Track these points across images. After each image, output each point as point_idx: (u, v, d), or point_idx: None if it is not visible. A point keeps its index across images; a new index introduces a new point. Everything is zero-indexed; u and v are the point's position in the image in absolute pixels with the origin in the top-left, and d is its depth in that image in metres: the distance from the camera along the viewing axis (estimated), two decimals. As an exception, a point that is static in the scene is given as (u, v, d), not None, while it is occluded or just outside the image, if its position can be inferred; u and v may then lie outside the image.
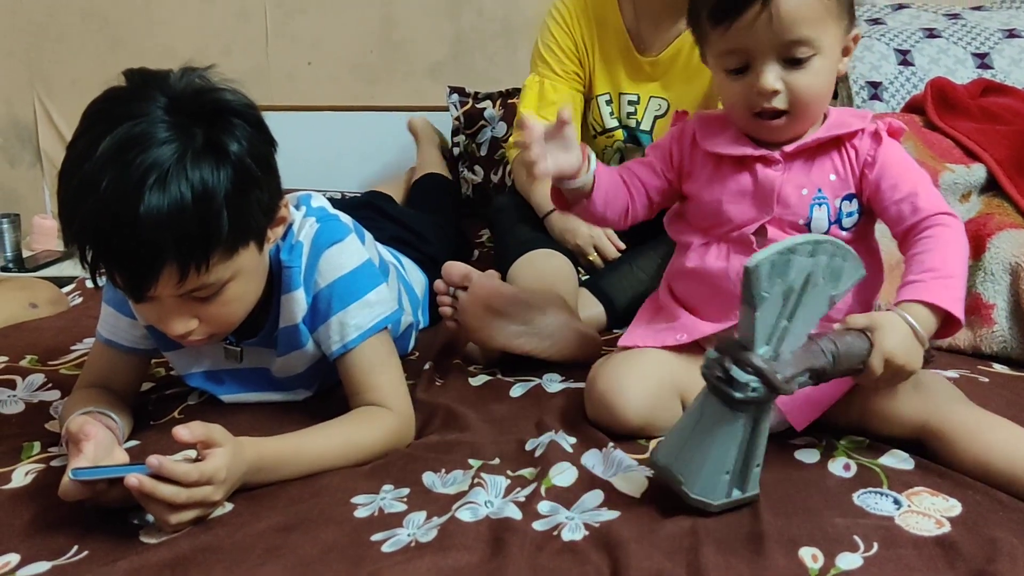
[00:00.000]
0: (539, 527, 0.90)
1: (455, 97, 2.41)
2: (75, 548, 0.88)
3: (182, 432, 0.89)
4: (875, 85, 1.88)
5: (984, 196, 1.59)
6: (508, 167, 2.07)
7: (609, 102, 1.77)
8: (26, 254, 2.46)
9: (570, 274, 1.57)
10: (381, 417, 1.09)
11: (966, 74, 1.90)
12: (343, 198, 2.14)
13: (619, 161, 1.82)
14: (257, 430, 1.06)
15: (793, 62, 1.04)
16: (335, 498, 0.97)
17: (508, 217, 1.72)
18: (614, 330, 1.53)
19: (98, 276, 0.96)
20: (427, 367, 1.34)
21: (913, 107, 1.79)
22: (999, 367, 1.33)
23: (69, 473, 0.89)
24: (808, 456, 1.04)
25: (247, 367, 1.20)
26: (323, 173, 2.60)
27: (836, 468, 1.01)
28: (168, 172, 0.91)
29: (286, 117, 2.58)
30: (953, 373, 1.23)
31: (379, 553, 0.86)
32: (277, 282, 1.13)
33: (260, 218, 1.02)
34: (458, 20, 2.59)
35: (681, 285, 1.19)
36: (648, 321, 1.22)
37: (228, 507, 0.95)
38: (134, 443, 1.11)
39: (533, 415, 1.18)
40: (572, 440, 1.08)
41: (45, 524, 0.93)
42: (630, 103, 1.76)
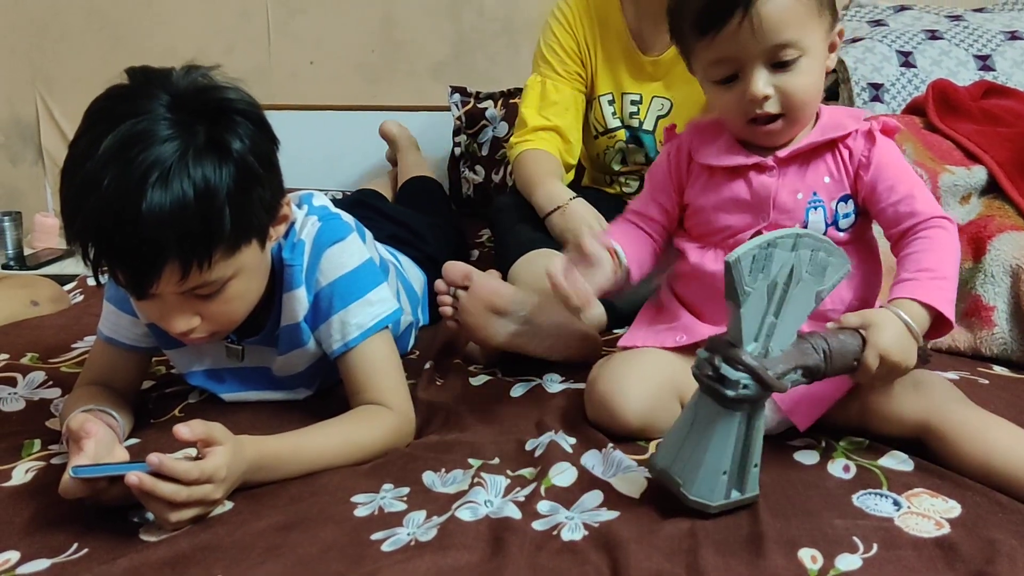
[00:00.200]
0: (539, 527, 0.90)
1: (456, 97, 2.42)
2: (75, 546, 0.89)
3: (182, 430, 0.89)
4: (877, 87, 1.88)
5: (984, 198, 1.59)
6: (509, 167, 2.07)
7: (611, 102, 1.77)
8: (27, 252, 2.46)
9: (571, 274, 1.57)
10: (381, 416, 1.09)
11: (968, 76, 1.90)
12: (343, 197, 2.14)
13: (621, 161, 1.82)
14: (257, 429, 1.06)
15: (780, 65, 1.03)
16: (335, 497, 0.97)
17: (509, 217, 1.72)
18: (615, 330, 1.53)
19: (100, 274, 0.96)
20: (427, 366, 1.34)
21: (914, 109, 1.79)
22: (999, 369, 1.33)
23: (69, 471, 0.90)
24: (807, 457, 1.04)
25: (248, 366, 1.20)
26: (325, 172, 2.60)
27: (835, 469, 1.01)
28: (170, 169, 0.91)
29: (288, 116, 2.58)
30: (953, 375, 1.23)
31: (379, 552, 0.86)
32: (279, 280, 1.13)
33: (262, 216, 1.02)
34: (460, 20, 2.60)
35: (681, 286, 1.20)
36: (649, 322, 1.22)
37: (228, 505, 0.95)
38: (134, 441, 1.11)
39: (533, 415, 1.18)
40: (572, 440, 1.08)
41: (45, 522, 0.93)
42: (633, 103, 1.76)
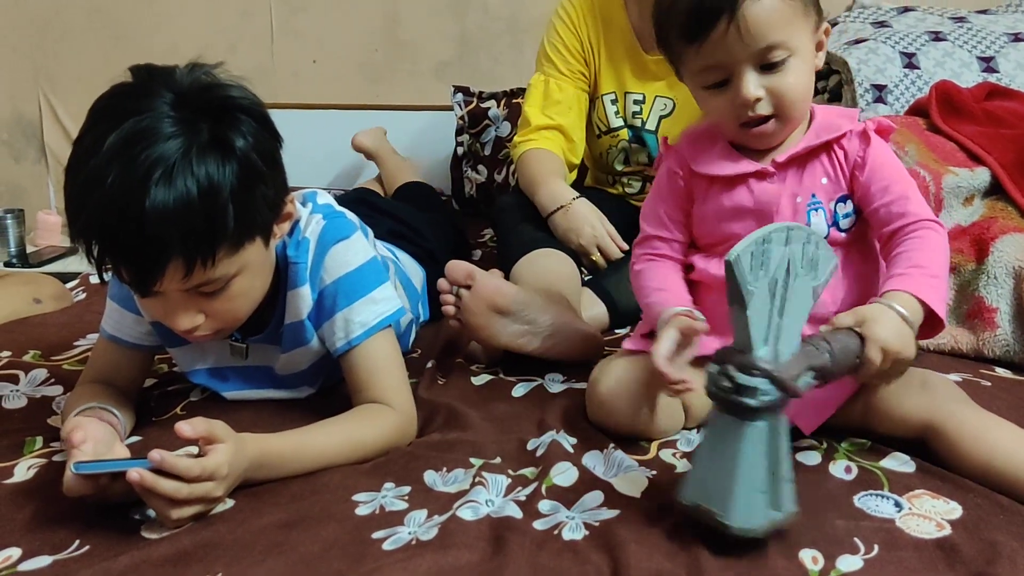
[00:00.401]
0: (539, 526, 0.90)
1: (460, 96, 2.42)
2: (76, 543, 0.89)
3: (184, 428, 0.89)
4: (880, 88, 1.88)
5: (988, 200, 1.59)
6: (512, 166, 2.07)
7: (614, 101, 1.77)
8: (30, 249, 2.46)
9: (573, 274, 1.57)
10: (383, 415, 1.09)
11: (971, 78, 1.89)
12: (343, 195, 2.14)
13: (624, 161, 1.82)
14: (259, 427, 1.06)
15: (770, 67, 1.03)
16: (336, 495, 0.97)
17: (511, 216, 1.72)
18: (616, 330, 1.53)
19: (104, 272, 0.96)
20: (429, 365, 1.34)
21: (918, 110, 1.79)
22: (1002, 371, 1.33)
23: (71, 467, 0.90)
24: (809, 458, 1.04)
25: (252, 364, 1.20)
26: (327, 171, 2.60)
27: (837, 470, 1.01)
28: (174, 167, 0.91)
29: (291, 115, 2.58)
30: (956, 376, 1.23)
31: (380, 551, 0.86)
32: (283, 278, 1.13)
33: (266, 213, 1.02)
34: (463, 19, 2.60)
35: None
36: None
37: (229, 503, 0.95)
38: (136, 439, 1.11)
39: (535, 415, 1.18)
40: (573, 440, 1.08)
41: (46, 519, 0.93)
42: (635, 102, 1.76)
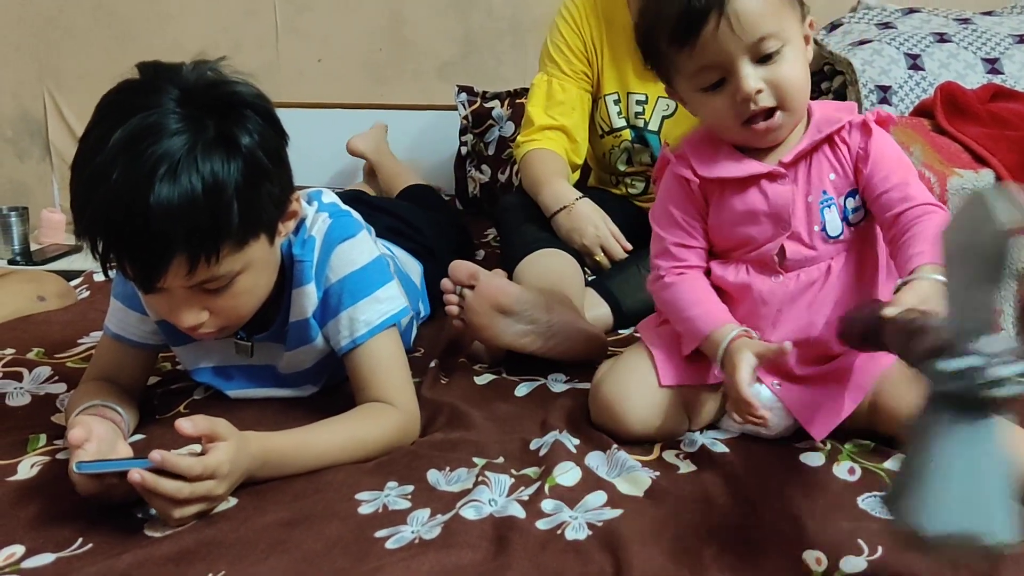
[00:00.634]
0: (543, 526, 0.90)
1: (463, 96, 2.42)
2: (80, 540, 0.89)
3: (185, 425, 0.89)
4: (884, 89, 1.88)
5: (992, 201, 1.59)
6: (515, 166, 2.07)
7: (617, 102, 1.77)
8: (34, 247, 2.46)
9: (576, 274, 1.57)
10: (386, 414, 1.09)
11: (976, 79, 1.89)
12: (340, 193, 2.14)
13: (627, 161, 1.82)
14: (263, 425, 1.06)
15: (765, 59, 1.02)
16: (339, 494, 0.97)
17: (515, 216, 1.72)
18: (620, 331, 1.53)
19: (108, 268, 0.96)
20: (432, 365, 1.34)
21: (922, 111, 1.79)
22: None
23: (73, 466, 0.90)
24: (813, 459, 1.04)
25: (257, 363, 1.20)
26: (331, 170, 2.60)
27: (841, 472, 1.01)
28: (179, 163, 0.91)
29: (295, 114, 2.57)
30: (959, 378, 1.23)
31: (383, 549, 0.86)
32: (289, 276, 1.13)
33: (271, 211, 1.02)
34: (467, 19, 2.60)
35: None
36: (671, 349, 1.15)
37: (232, 502, 0.95)
38: (139, 437, 1.11)
39: (538, 415, 1.18)
40: (576, 440, 1.08)
41: (50, 516, 0.93)
42: (638, 103, 1.76)
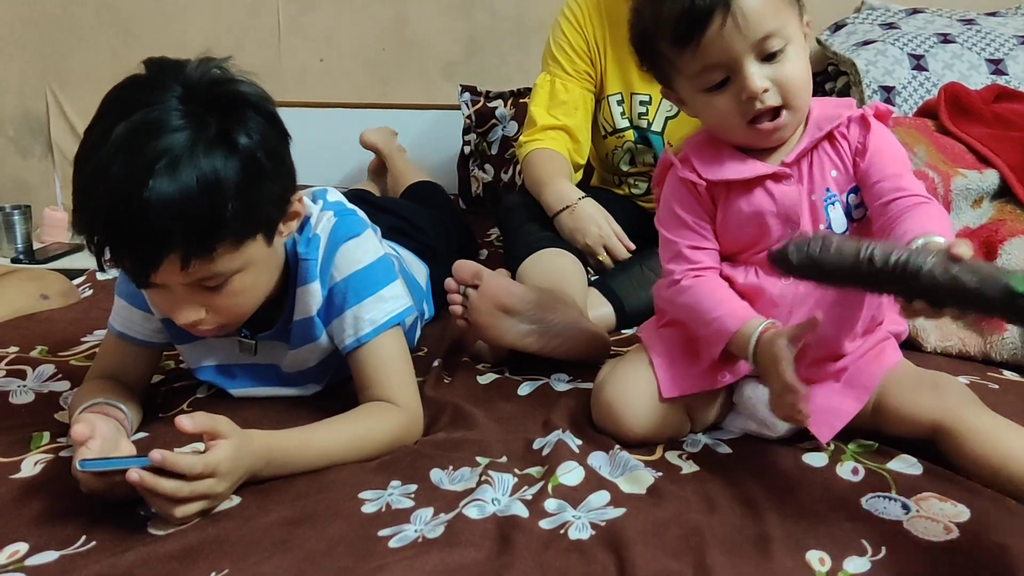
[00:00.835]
0: (546, 525, 0.90)
1: (467, 96, 2.42)
2: (83, 538, 0.89)
3: (185, 422, 0.89)
4: (888, 89, 1.88)
5: (996, 202, 1.59)
6: (518, 166, 2.07)
7: (620, 102, 1.77)
8: (36, 246, 2.46)
9: (579, 273, 1.57)
10: (389, 413, 1.09)
11: (980, 80, 1.89)
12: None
13: (630, 162, 1.82)
14: (266, 424, 1.06)
15: (770, 57, 1.01)
16: (343, 493, 0.97)
17: (518, 216, 1.72)
18: (623, 330, 1.53)
19: (105, 262, 0.96)
20: (436, 364, 1.34)
21: (926, 112, 1.79)
22: (1009, 374, 1.32)
23: (76, 464, 0.90)
24: (816, 460, 1.04)
25: (260, 362, 1.20)
26: (334, 170, 2.60)
27: (844, 472, 1.01)
28: (178, 159, 0.91)
29: (297, 113, 2.58)
30: (963, 379, 1.23)
31: (386, 548, 0.86)
32: (293, 274, 1.13)
33: (270, 211, 1.02)
34: (471, 19, 2.59)
35: None
36: (675, 357, 1.14)
37: (236, 500, 0.95)
38: (143, 435, 1.11)
39: (541, 414, 1.18)
40: (579, 440, 1.08)
41: (53, 514, 0.93)
42: (642, 103, 1.76)
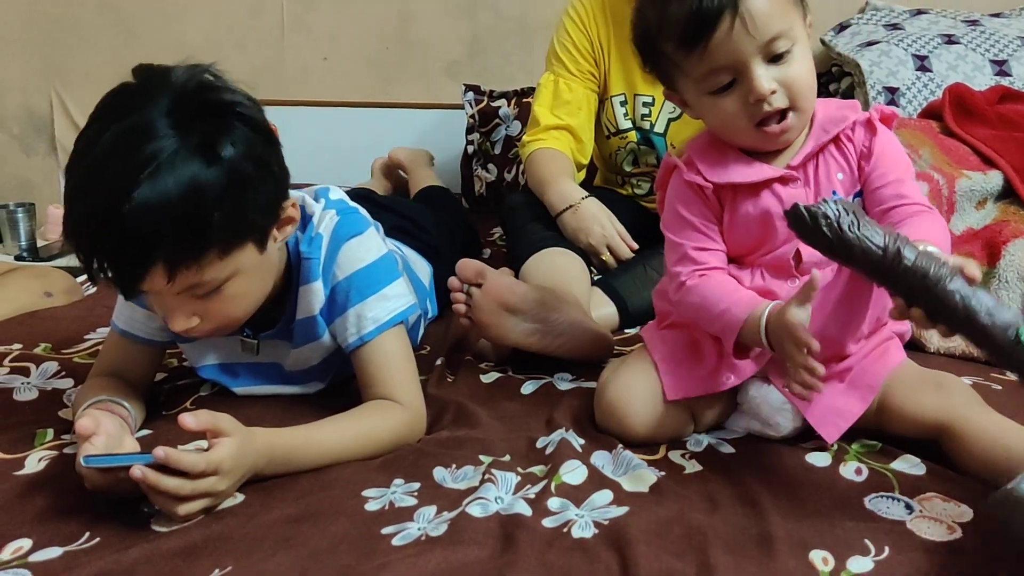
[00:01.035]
0: (549, 524, 0.90)
1: (470, 95, 2.42)
2: (87, 535, 0.89)
3: (187, 420, 0.89)
4: (892, 90, 1.88)
5: (1000, 203, 1.59)
6: (521, 165, 2.07)
7: (623, 103, 1.77)
8: (40, 243, 2.47)
9: (582, 273, 1.57)
10: (392, 411, 1.09)
11: (984, 81, 1.89)
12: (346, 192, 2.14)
13: (632, 162, 1.82)
14: (269, 422, 1.06)
15: (777, 58, 1.01)
16: (346, 491, 0.97)
17: (521, 215, 1.72)
18: (626, 330, 1.53)
19: (96, 274, 0.94)
20: (439, 363, 1.34)
21: (930, 113, 1.79)
22: (1012, 375, 1.32)
23: (80, 459, 0.90)
24: (819, 460, 1.04)
25: (263, 361, 1.20)
26: (336, 169, 2.60)
27: (847, 472, 1.01)
28: (160, 168, 0.90)
29: (300, 112, 2.59)
30: (967, 380, 1.23)
31: (389, 546, 0.86)
32: (296, 273, 1.13)
33: (258, 219, 1.01)
34: (475, 18, 2.60)
35: None
36: (678, 361, 1.13)
37: (239, 498, 0.95)
38: (146, 432, 1.11)
39: (543, 413, 1.18)
40: (582, 439, 1.08)
41: (57, 510, 0.93)
42: (645, 104, 1.76)
